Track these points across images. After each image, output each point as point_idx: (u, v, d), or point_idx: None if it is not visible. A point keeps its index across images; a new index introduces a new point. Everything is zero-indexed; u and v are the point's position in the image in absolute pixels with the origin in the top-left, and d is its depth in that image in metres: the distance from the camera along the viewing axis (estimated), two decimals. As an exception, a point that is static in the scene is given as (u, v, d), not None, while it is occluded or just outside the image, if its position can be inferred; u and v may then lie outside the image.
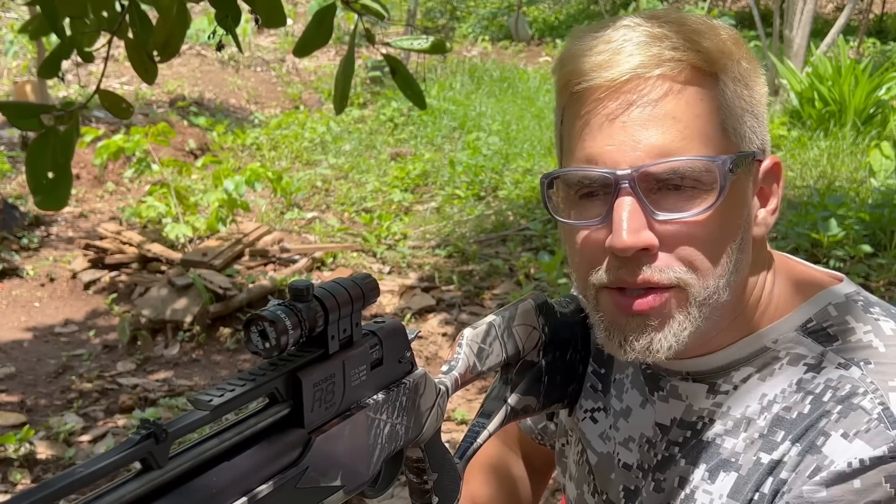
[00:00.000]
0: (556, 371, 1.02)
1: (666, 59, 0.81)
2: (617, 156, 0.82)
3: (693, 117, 0.82)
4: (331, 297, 0.68)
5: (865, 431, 0.79)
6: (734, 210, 0.84)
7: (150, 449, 0.54)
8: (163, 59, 1.30)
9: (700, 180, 0.81)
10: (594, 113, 0.83)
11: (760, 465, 0.85)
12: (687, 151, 0.81)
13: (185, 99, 9.17)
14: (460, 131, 7.99)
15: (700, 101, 0.82)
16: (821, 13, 12.05)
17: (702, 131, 0.82)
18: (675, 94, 0.81)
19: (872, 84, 7.28)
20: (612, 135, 0.82)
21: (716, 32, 0.85)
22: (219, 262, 5.06)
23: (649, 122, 0.81)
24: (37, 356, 4.59)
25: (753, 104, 0.86)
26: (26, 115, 1.23)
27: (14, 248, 5.68)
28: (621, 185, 0.81)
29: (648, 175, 0.81)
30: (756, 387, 0.89)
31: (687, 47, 0.82)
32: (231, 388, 0.60)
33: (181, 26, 1.26)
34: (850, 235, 4.79)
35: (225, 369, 4.42)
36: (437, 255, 5.55)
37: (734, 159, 0.82)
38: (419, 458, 0.84)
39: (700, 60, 0.82)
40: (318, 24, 1.38)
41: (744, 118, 0.85)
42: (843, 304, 0.89)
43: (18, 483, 3.44)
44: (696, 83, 0.82)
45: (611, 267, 0.84)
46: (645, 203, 0.81)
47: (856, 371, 0.84)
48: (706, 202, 0.81)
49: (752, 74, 0.87)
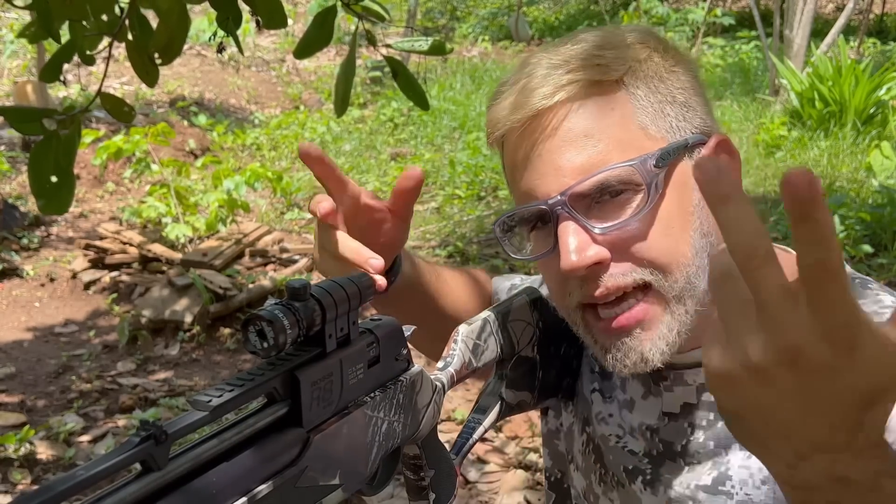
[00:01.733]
0: (550, 365, 1.03)
1: (564, 83, 0.85)
2: (545, 186, 0.86)
3: (604, 128, 0.85)
4: (328, 295, 0.68)
5: None
6: (679, 199, 0.86)
7: (151, 451, 0.54)
8: (164, 61, 1.30)
9: (631, 183, 0.84)
10: (516, 155, 0.89)
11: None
12: (607, 162, 0.84)
13: (185, 99, 9.17)
14: (460, 131, 7.99)
15: (610, 111, 0.85)
16: (821, 13, 12.06)
17: (618, 139, 0.85)
18: (581, 113, 0.85)
19: (873, 84, 7.28)
20: (534, 169, 0.87)
21: (619, 40, 0.88)
22: (219, 263, 5.07)
23: (564, 146, 0.85)
24: (37, 356, 4.59)
25: (675, 94, 0.88)
26: (28, 119, 1.22)
27: (14, 248, 5.69)
28: (556, 210, 0.85)
29: (578, 195, 0.84)
30: None
31: (583, 65, 0.85)
32: (230, 389, 0.60)
33: (182, 28, 1.26)
34: (850, 235, 4.79)
35: (225, 369, 4.42)
36: (437, 255, 5.56)
37: (658, 155, 0.84)
38: (416, 455, 0.84)
39: (601, 73, 0.86)
40: (319, 25, 1.38)
41: (664, 111, 0.87)
42: None
43: (18, 483, 3.44)
44: (600, 95, 0.85)
45: (574, 288, 0.88)
46: (583, 221, 0.85)
47: None
48: (639, 203, 0.84)
49: (667, 67, 0.89)
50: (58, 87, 8.63)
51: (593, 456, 1.05)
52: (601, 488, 1.03)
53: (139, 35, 1.31)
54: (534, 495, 3.24)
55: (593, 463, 1.05)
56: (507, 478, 3.34)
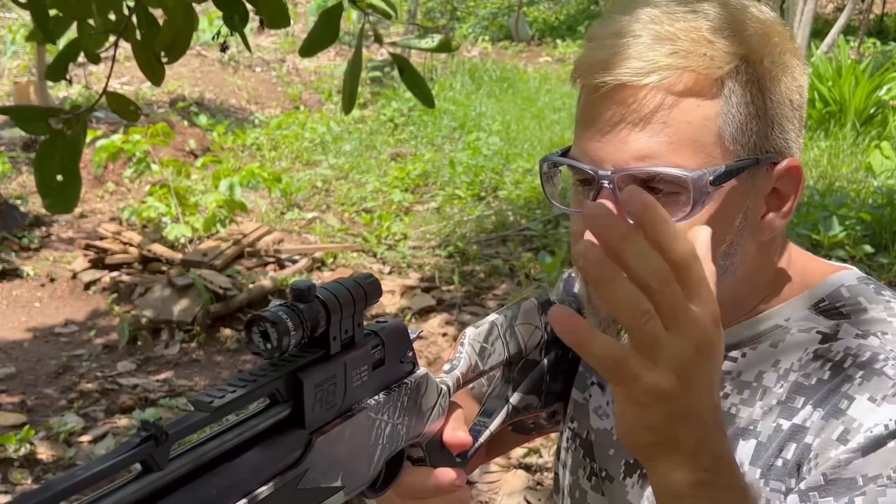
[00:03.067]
0: (558, 370, 1.02)
1: (662, 66, 0.80)
2: (602, 154, 0.83)
3: (682, 123, 0.81)
4: (333, 297, 0.67)
5: (893, 395, 0.79)
6: (721, 219, 0.83)
7: (151, 451, 0.54)
8: (170, 60, 1.30)
9: (680, 189, 0.81)
10: (591, 109, 0.85)
11: (781, 430, 0.84)
12: (671, 158, 0.81)
13: (185, 99, 9.17)
14: (460, 131, 7.99)
15: (695, 110, 0.81)
16: (821, 13, 12.06)
17: (690, 138, 0.81)
18: (669, 105, 0.81)
19: (873, 84, 7.29)
20: (601, 133, 0.83)
21: (741, 28, 0.82)
22: (219, 263, 5.06)
23: (638, 126, 0.82)
24: (37, 356, 4.58)
25: (768, 108, 0.83)
26: (33, 119, 1.22)
27: (14, 248, 5.68)
28: (602, 183, 0.83)
29: (628, 178, 0.82)
30: (768, 354, 0.89)
31: (692, 51, 0.80)
32: (232, 390, 0.60)
33: (188, 27, 1.26)
34: (850, 235, 4.79)
35: (225, 369, 4.42)
36: (437, 255, 5.55)
37: (721, 173, 0.81)
38: (420, 458, 0.83)
39: (704, 67, 0.81)
40: (324, 23, 1.38)
41: (749, 125, 0.82)
42: (855, 287, 0.90)
43: (18, 483, 3.44)
44: (694, 91, 0.81)
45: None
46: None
47: (874, 340, 0.84)
48: (682, 211, 0.81)
49: (774, 74, 0.84)
50: (58, 87, 8.63)
51: (581, 451, 1.05)
52: (590, 483, 1.03)
53: (146, 34, 1.31)
54: (534, 495, 3.24)
55: (581, 458, 1.05)
56: (508, 478, 3.34)
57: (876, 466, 0.77)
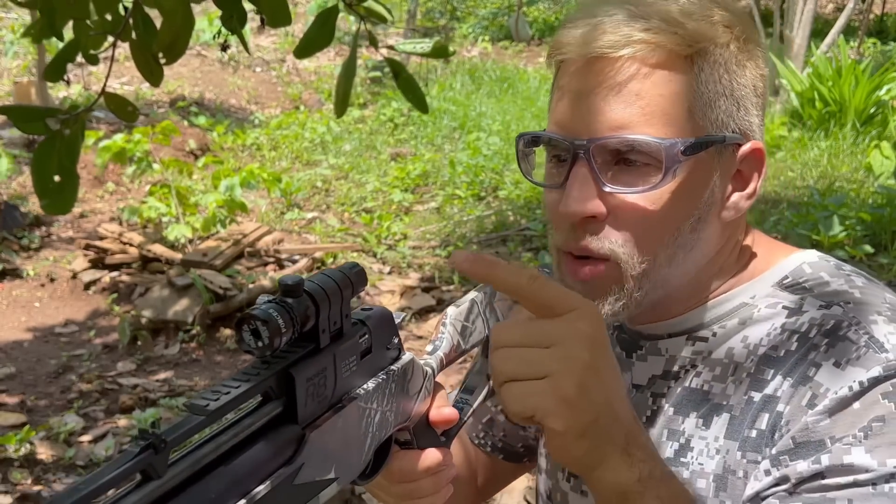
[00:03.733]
0: None
1: (636, 41, 0.84)
2: (578, 125, 0.87)
3: (656, 98, 0.85)
4: (321, 290, 0.67)
5: (857, 359, 0.81)
6: (689, 192, 0.87)
7: (151, 460, 0.54)
8: (168, 60, 1.30)
9: (654, 158, 0.85)
10: (567, 83, 0.89)
11: (752, 402, 0.86)
12: (643, 129, 0.84)
13: (185, 99, 9.17)
14: (460, 131, 7.99)
15: (667, 83, 0.85)
16: (821, 13, 12.06)
17: (662, 113, 0.85)
18: (640, 75, 0.85)
19: (873, 84, 7.29)
20: (576, 105, 0.87)
21: (706, 14, 0.87)
22: (219, 263, 5.07)
23: (612, 98, 0.85)
24: (37, 356, 4.59)
25: (734, 89, 0.88)
26: (31, 119, 1.22)
27: (14, 248, 5.68)
28: (578, 153, 0.86)
29: (603, 147, 0.85)
30: (736, 331, 0.91)
31: (663, 29, 0.85)
32: (226, 391, 0.60)
33: (186, 28, 1.26)
34: (850, 235, 4.79)
35: (225, 369, 4.42)
36: (437, 255, 5.56)
37: (692, 143, 0.85)
38: (407, 441, 0.84)
39: (674, 43, 0.85)
40: (320, 25, 1.38)
41: (717, 103, 0.87)
42: (817, 263, 0.93)
43: (18, 483, 3.44)
44: (665, 65, 0.85)
45: (562, 230, 0.90)
46: (597, 174, 0.86)
47: (837, 309, 0.86)
48: (653, 181, 0.85)
49: (739, 59, 0.88)
50: (58, 87, 8.63)
51: None
52: (569, 485, 1.04)
53: (143, 34, 1.31)
54: (534, 495, 3.24)
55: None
56: (508, 478, 3.33)
57: (843, 427, 0.79)
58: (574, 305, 0.72)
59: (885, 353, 0.81)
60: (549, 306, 0.71)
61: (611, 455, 0.73)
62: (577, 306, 0.72)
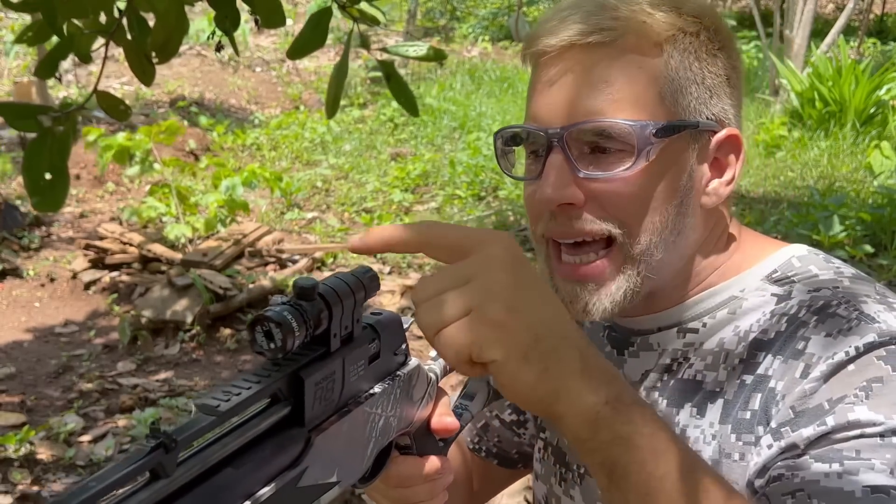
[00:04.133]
0: None
1: (604, 28, 0.86)
2: (551, 115, 0.88)
3: (625, 83, 0.86)
4: (334, 294, 0.67)
5: (848, 329, 0.82)
6: (666, 175, 0.88)
7: (160, 458, 0.54)
8: (161, 60, 1.30)
9: (627, 142, 0.86)
10: (539, 76, 0.91)
11: (745, 385, 0.87)
12: (615, 114, 0.86)
13: (185, 99, 9.17)
14: (460, 131, 7.99)
15: (637, 69, 0.87)
16: (821, 13, 12.06)
17: (633, 97, 0.86)
18: (610, 61, 0.86)
19: (872, 84, 7.28)
20: (549, 95, 0.89)
21: (677, 5, 0.89)
22: (219, 263, 5.07)
23: (582, 86, 0.87)
24: (37, 356, 4.59)
25: (706, 77, 0.89)
26: (24, 116, 1.23)
27: (14, 248, 5.68)
28: (553, 142, 0.87)
29: (577, 134, 0.87)
30: (727, 321, 0.92)
31: (632, 17, 0.87)
32: (237, 392, 0.60)
33: (179, 28, 1.26)
34: (850, 235, 4.79)
35: (225, 369, 4.43)
36: (437, 255, 5.55)
37: (663, 126, 0.86)
38: (406, 445, 0.84)
39: (644, 30, 0.87)
40: (313, 27, 1.38)
41: (688, 89, 0.88)
42: (806, 257, 0.93)
43: (18, 483, 3.44)
44: (636, 51, 0.87)
45: (545, 220, 0.91)
46: (572, 160, 0.87)
47: (826, 291, 0.88)
48: (626, 164, 0.86)
49: (710, 49, 0.90)
50: (58, 87, 8.64)
51: (552, 459, 1.06)
52: (561, 489, 1.04)
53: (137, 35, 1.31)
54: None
55: (553, 465, 1.06)
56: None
57: (839, 388, 0.79)
58: (482, 238, 0.68)
59: (878, 324, 0.81)
60: (458, 247, 0.68)
61: (567, 378, 0.67)
62: (485, 238, 0.68)
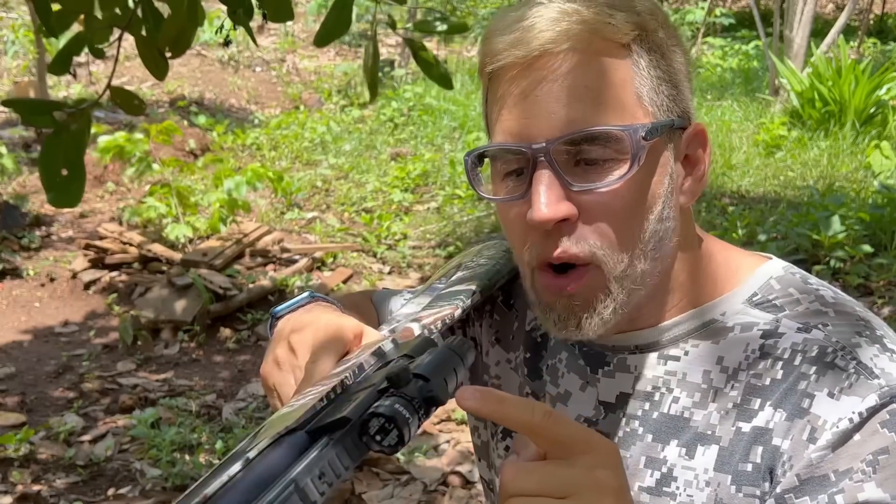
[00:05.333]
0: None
1: (574, 34, 0.82)
2: (532, 130, 0.83)
3: (605, 87, 0.83)
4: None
5: (849, 387, 0.81)
6: (653, 180, 0.85)
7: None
8: (174, 54, 1.30)
9: (616, 150, 0.82)
10: (509, 90, 0.85)
11: (742, 434, 0.85)
12: (600, 121, 0.82)
13: (185, 99, 9.17)
14: (460, 131, 7.99)
15: (613, 72, 0.83)
16: (821, 13, 12.06)
17: (615, 101, 0.83)
18: (585, 66, 0.83)
19: (872, 84, 7.29)
20: (526, 110, 0.83)
21: (631, 4, 0.86)
22: (219, 263, 5.06)
23: (562, 95, 0.82)
24: (37, 356, 4.58)
25: (671, 73, 0.87)
26: (39, 112, 1.22)
27: (14, 248, 5.68)
28: (538, 158, 0.82)
29: (563, 147, 0.82)
30: (710, 351, 0.89)
31: (597, 20, 0.83)
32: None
33: (193, 21, 1.25)
34: (850, 235, 4.79)
35: (225, 369, 4.42)
36: (437, 255, 5.55)
37: (648, 128, 0.83)
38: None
39: (611, 32, 0.83)
40: (339, 11, 1.37)
41: (660, 87, 0.85)
42: (784, 278, 0.91)
43: (18, 483, 3.44)
44: (607, 54, 0.83)
45: (535, 242, 0.86)
46: (561, 175, 0.82)
47: (818, 333, 0.85)
48: (619, 172, 0.82)
49: (669, 44, 0.87)
50: (58, 87, 8.63)
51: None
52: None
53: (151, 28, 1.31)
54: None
55: None
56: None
57: (846, 461, 0.79)
58: (591, 447, 0.64)
59: (878, 380, 0.80)
60: (564, 445, 0.64)
61: None
62: (595, 448, 0.65)
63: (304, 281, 5.13)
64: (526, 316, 1.05)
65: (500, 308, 1.08)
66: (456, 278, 1.03)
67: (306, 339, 0.86)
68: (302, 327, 0.88)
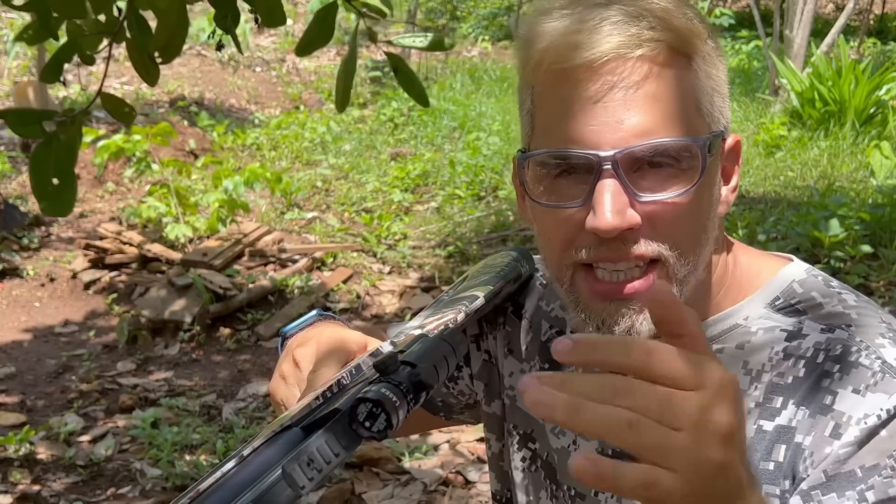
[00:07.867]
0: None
1: (645, 39, 0.81)
2: (599, 137, 0.80)
3: (672, 98, 0.82)
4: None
5: (875, 384, 0.80)
6: (709, 189, 0.85)
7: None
8: (164, 60, 1.30)
9: (679, 160, 0.82)
10: (574, 94, 0.82)
11: (764, 432, 0.85)
12: (668, 132, 0.81)
13: (185, 99, 9.17)
14: (460, 131, 7.99)
15: (678, 82, 0.82)
16: (821, 13, 12.06)
17: (681, 112, 0.82)
18: (656, 76, 0.81)
19: (872, 84, 7.28)
20: (593, 116, 0.81)
21: (683, 11, 0.84)
22: (219, 263, 5.07)
23: (631, 104, 0.80)
24: (37, 356, 4.59)
25: (720, 83, 0.86)
26: (27, 122, 1.22)
27: (14, 248, 5.68)
28: (604, 166, 0.80)
29: (631, 156, 0.80)
30: (735, 356, 0.89)
31: (662, 27, 0.81)
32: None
33: (181, 27, 1.25)
34: (850, 235, 4.79)
35: (225, 369, 4.42)
36: (437, 255, 5.56)
37: (710, 140, 0.83)
38: None
39: (675, 40, 0.82)
40: (320, 22, 1.38)
41: (713, 98, 0.85)
42: (806, 281, 0.91)
43: (18, 483, 3.44)
44: (673, 64, 0.82)
45: (590, 245, 0.83)
46: (627, 185, 0.81)
47: (841, 332, 0.85)
48: (686, 183, 0.81)
49: (717, 53, 0.86)
50: (58, 87, 8.63)
51: (542, 472, 1.04)
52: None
53: (138, 35, 1.31)
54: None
55: (543, 479, 1.04)
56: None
57: (873, 456, 0.78)
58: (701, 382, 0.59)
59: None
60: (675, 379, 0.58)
61: None
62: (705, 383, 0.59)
63: (304, 281, 5.13)
64: (541, 327, 1.05)
65: (510, 319, 1.08)
66: (461, 287, 1.04)
67: (309, 352, 0.89)
68: (306, 341, 0.91)
